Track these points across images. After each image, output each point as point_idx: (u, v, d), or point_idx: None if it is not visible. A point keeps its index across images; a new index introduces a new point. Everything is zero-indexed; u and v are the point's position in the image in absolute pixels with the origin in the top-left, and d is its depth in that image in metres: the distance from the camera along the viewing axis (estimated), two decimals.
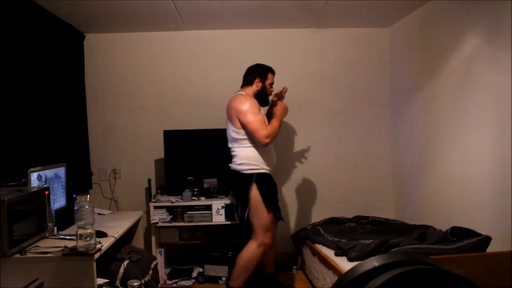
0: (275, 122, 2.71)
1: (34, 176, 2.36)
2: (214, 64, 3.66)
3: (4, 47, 2.43)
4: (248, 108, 2.65)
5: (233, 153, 2.79)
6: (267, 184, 2.71)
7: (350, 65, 3.73)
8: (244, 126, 2.67)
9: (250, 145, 2.71)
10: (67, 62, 3.26)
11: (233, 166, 2.78)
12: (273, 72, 2.88)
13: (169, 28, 3.54)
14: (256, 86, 2.82)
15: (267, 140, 2.60)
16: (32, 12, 2.73)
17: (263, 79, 2.82)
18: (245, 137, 2.70)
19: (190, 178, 3.29)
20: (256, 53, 3.60)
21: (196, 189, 3.29)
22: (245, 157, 2.71)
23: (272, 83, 2.87)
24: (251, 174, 2.68)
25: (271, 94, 2.90)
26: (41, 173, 2.46)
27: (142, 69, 3.65)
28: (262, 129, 2.60)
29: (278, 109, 2.80)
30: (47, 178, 2.53)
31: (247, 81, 2.86)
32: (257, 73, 2.84)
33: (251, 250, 2.71)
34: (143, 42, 3.63)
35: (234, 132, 2.73)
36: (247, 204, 2.69)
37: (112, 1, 2.83)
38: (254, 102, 2.71)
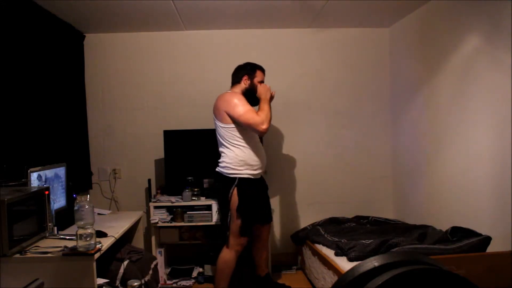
0: (263, 106, 2.62)
1: (34, 176, 2.36)
2: (214, 64, 3.66)
3: (3, 47, 2.43)
4: (236, 102, 2.60)
5: (221, 155, 2.73)
6: (247, 191, 2.63)
7: (350, 65, 3.73)
8: (236, 121, 2.60)
9: (238, 144, 2.64)
10: (66, 62, 3.26)
11: (218, 168, 2.73)
12: (262, 69, 2.79)
13: (169, 28, 3.54)
14: (244, 84, 2.75)
15: (263, 126, 2.53)
16: (31, 12, 2.73)
17: (251, 76, 2.74)
18: (235, 133, 2.63)
19: (190, 178, 3.29)
20: (256, 53, 3.61)
21: (196, 189, 3.29)
22: (231, 159, 2.64)
23: (262, 81, 2.77)
24: (234, 178, 2.63)
25: None
26: (41, 173, 2.46)
27: (142, 69, 3.65)
28: (254, 118, 2.53)
29: (260, 92, 2.70)
30: (47, 178, 2.53)
31: (235, 79, 2.80)
32: (245, 70, 2.76)
33: (223, 254, 2.72)
34: (143, 42, 3.63)
35: (222, 128, 2.67)
36: (228, 207, 2.68)
37: (112, 1, 2.83)
38: (241, 96, 2.67)
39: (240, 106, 2.58)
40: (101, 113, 3.64)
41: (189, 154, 3.46)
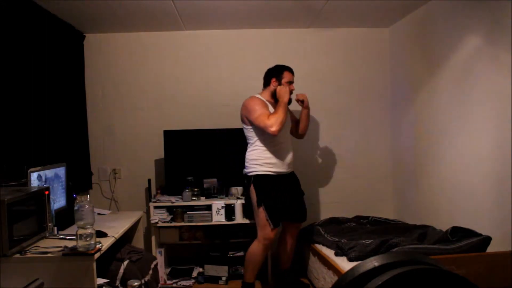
0: (277, 108, 2.72)
1: (34, 176, 2.36)
2: (214, 64, 3.66)
3: (3, 47, 2.43)
4: (251, 106, 2.75)
5: None
6: (263, 186, 2.77)
7: (350, 65, 3.73)
8: (253, 125, 2.76)
9: (257, 145, 2.79)
10: (67, 62, 3.26)
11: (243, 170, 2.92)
12: (290, 70, 2.90)
13: (169, 28, 3.54)
14: (273, 86, 2.86)
15: (272, 129, 2.62)
16: (31, 12, 2.73)
17: (279, 78, 2.85)
18: (251, 135, 2.80)
19: (190, 178, 3.29)
20: (256, 53, 3.61)
21: (196, 189, 3.29)
22: (248, 159, 2.83)
23: (290, 81, 2.87)
24: (250, 176, 2.81)
25: (291, 92, 2.86)
26: (41, 173, 2.45)
27: (142, 69, 3.65)
28: (265, 121, 2.65)
29: (279, 94, 2.79)
30: (47, 178, 2.53)
31: (265, 82, 2.93)
32: (273, 73, 2.89)
33: (252, 246, 2.83)
34: (143, 42, 3.63)
35: (245, 130, 2.85)
36: (250, 202, 2.88)
37: (112, 1, 2.83)
38: (257, 101, 2.79)
39: (255, 111, 2.72)
40: (101, 113, 3.64)
41: (189, 154, 3.46)
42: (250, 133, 2.82)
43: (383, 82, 3.76)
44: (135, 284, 2.25)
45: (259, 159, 2.78)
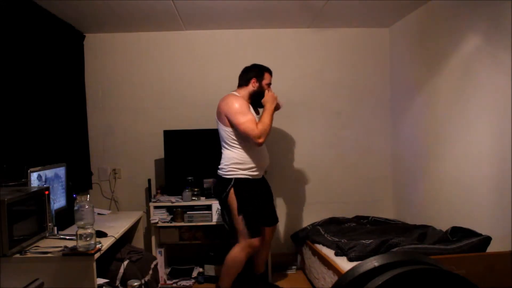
0: (264, 117, 2.62)
1: (34, 176, 2.36)
2: (214, 64, 3.66)
3: (3, 47, 2.43)
4: (237, 108, 2.59)
5: (221, 156, 2.76)
6: (244, 191, 2.64)
7: (350, 65, 3.73)
8: (234, 127, 2.63)
9: (236, 146, 2.66)
10: (66, 62, 3.26)
11: (218, 171, 2.75)
12: (270, 72, 2.81)
13: (169, 28, 3.54)
14: (252, 86, 2.75)
15: (260, 140, 2.54)
16: (31, 12, 2.73)
17: (259, 79, 2.75)
18: (233, 136, 2.65)
19: (190, 178, 3.29)
20: (256, 53, 3.61)
21: (196, 189, 3.29)
22: (227, 160, 2.67)
23: (269, 84, 2.79)
24: (230, 179, 2.65)
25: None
26: (41, 173, 2.46)
27: (142, 69, 3.64)
28: (253, 130, 2.54)
29: (266, 100, 2.70)
30: (47, 178, 2.54)
31: (242, 81, 2.80)
32: (254, 73, 2.77)
33: (233, 253, 2.71)
34: (143, 42, 3.63)
35: (222, 130, 2.69)
36: (227, 207, 2.70)
37: (112, 1, 2.83)
38: (243, 102, 2.65)
39: (241, 114, 2.58)
40: (101, 113, 3.64)
41: (189, 154, 3.46)
42: (229, 133, 2.65)
43: (383, 82, 3.75)
44: (135, 284, 2.25)
45: (243, 163, 2.64)
